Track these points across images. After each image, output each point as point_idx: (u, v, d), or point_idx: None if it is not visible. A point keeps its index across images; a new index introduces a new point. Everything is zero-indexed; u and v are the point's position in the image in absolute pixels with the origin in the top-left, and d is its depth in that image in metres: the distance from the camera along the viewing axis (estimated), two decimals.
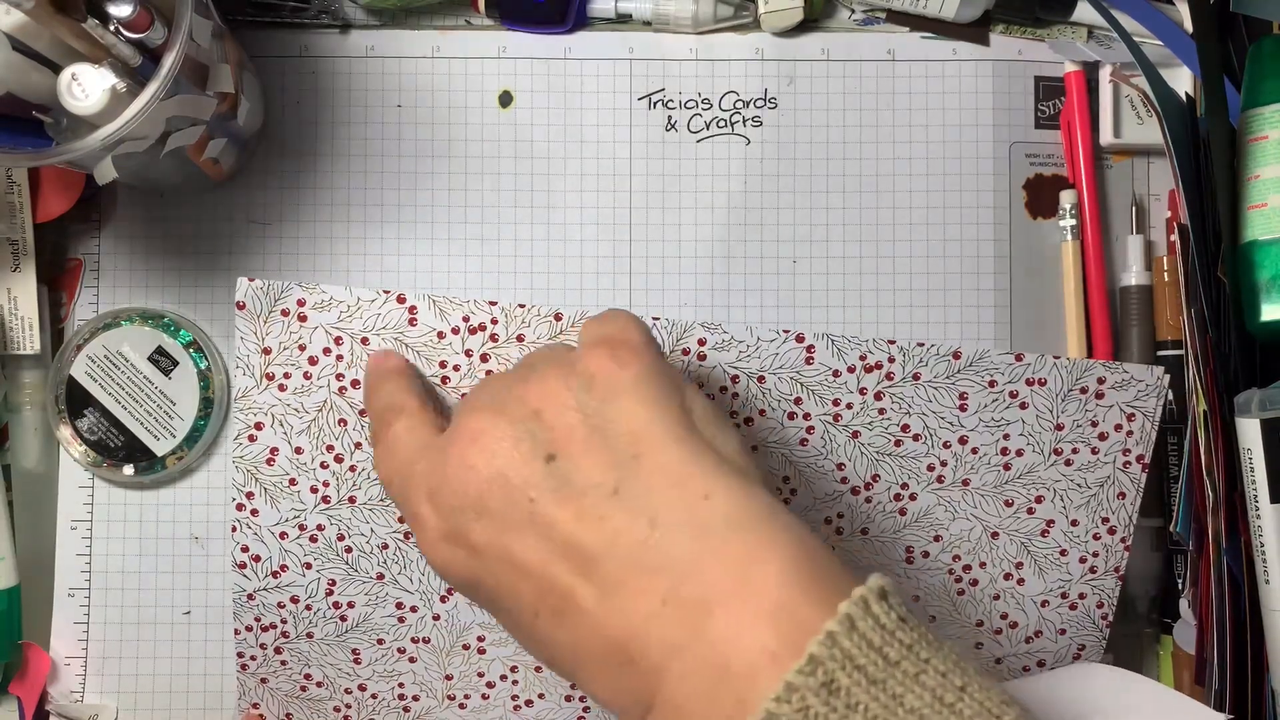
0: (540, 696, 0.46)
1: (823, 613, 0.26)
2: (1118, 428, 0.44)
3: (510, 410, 0.32)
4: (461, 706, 0.46)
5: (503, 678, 0.46)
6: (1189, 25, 0.46)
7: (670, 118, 0.47)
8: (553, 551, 0.30)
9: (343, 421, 0.44)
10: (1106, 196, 0.48)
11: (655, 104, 0.47)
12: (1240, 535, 0.42)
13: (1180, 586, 0.46)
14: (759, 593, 0.27)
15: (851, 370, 0.44)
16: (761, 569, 0.27)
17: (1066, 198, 0.47)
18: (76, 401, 0.46)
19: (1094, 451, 0.44)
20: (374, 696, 0.46)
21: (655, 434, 0.30)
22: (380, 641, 0.45)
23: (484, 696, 0.46)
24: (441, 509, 0.32)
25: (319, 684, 0.46)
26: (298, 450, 0.44)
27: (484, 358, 0.43)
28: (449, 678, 0.46)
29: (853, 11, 0.48)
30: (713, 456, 0.30)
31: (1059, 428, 0.44)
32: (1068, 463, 0.44)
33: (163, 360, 0.46)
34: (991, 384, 0.44)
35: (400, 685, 0.46)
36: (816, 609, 0.27)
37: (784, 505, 0.30)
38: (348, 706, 0.46)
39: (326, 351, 0.43)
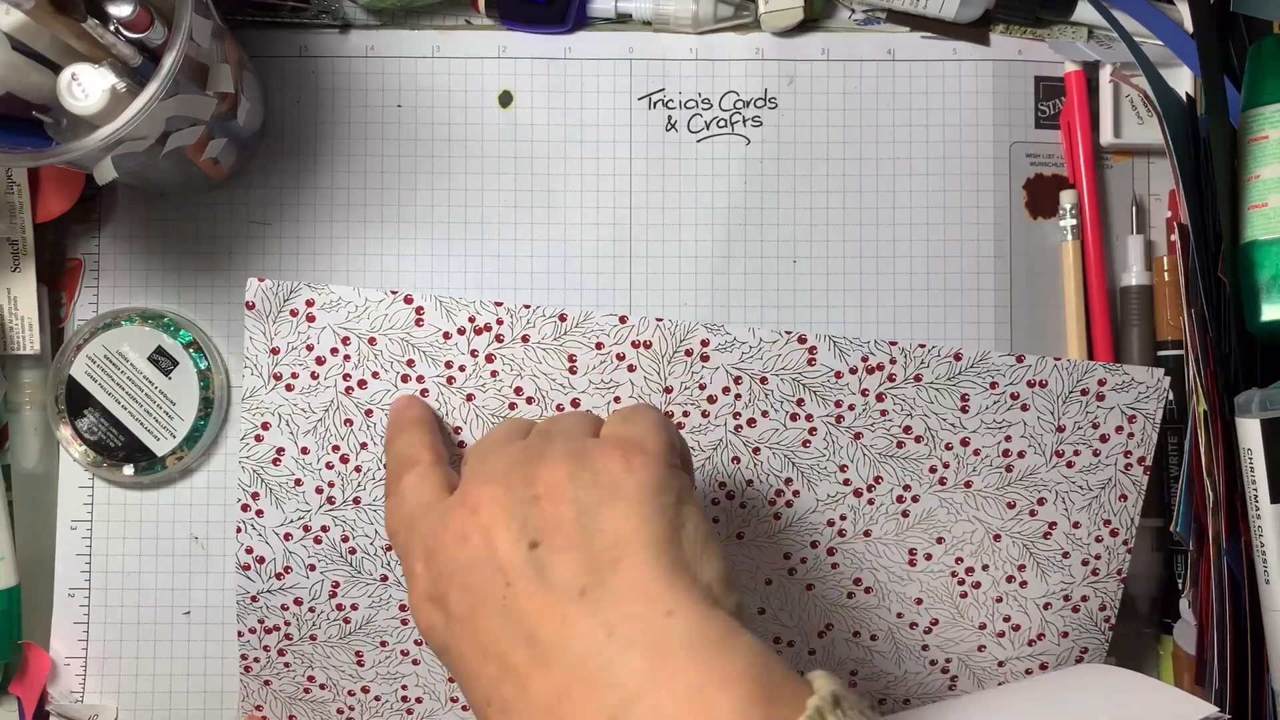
0: None
1: None
2: (1119, 429, 0.44)
3: (514, 488, 0.32)
4: (464, 709, 0.46)
5: None
6: (1189, 25, 0.46)
7: (670, 118, 0.47)
8: (515, 640, 0.29)
9: (349, 421, 0.44)
10: (1106, 196, 0.48)
11: (655, 104, 0.47)
12: (1240, 535, 0.42)
13: (1180, 586, 0.46)
14: (715, 718, 0.26)
15: (854, 372, 0.44)
16: (717, 694, 0.26)
17: (1066, 198, 0.47)
18: (76, 401, 0.46)
19: (1095, 454, 0.44)
20: (377, 699, 0.46)
21: (637, 544, 0.30)
22: (383, 644, 0.45)
23: None
24: (432, 570, 0.32)
25: (322, 686, 0.46)
26: (304, 450, 0.44)
27: (489, 358, 0.44)
28: (451, 680, 0.46)
29: (853, 11, 0.48)
30: (686, 577, 0.30)
31: (1060, 429, 0.44)
32: (1069, 465, 0.44)
33: (163, 360, 0.46)
34: (993, 385, 0.44)
35: (403, 688, 0.46)
36: None
37: (742, 627, 0.29)
38: (351, 709, 0.46)
39: (334, 352, 0.43)
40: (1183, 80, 0.46)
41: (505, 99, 0.48)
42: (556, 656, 0.28)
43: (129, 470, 0.46)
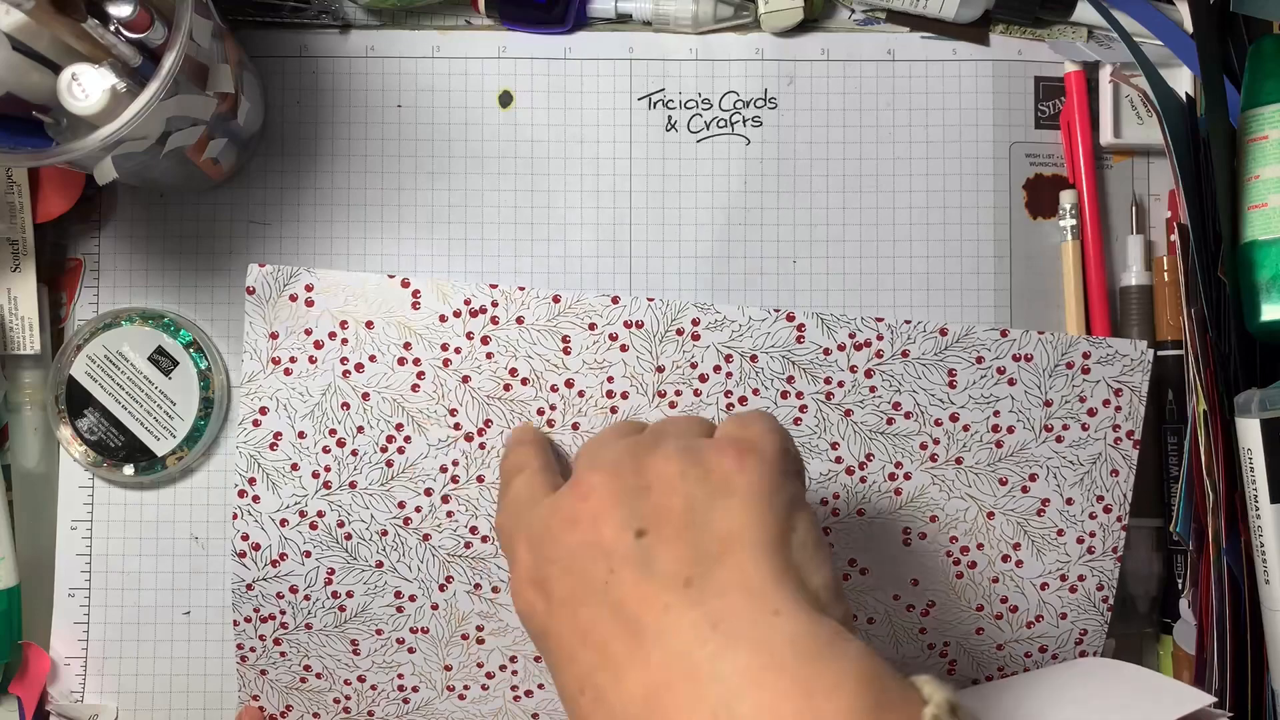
0: (540, 687, 0.46)
1: None
2: (1106, 403, 0.44)
3: (625, 477, 0.32)
4: (461, 697, 0.46)
5: (502, 668, 0.46)
6: (1189, 25, 0.46)
7: (670, 118, 0.47)
8: (614, 626, 0.29)
9: (346, 405, 0.44)
10: (1106, 196, 0.48)
11: (655, 104, 0.47)
12: (1240, 535, 0.42)
13: (1180, 586, 0.46)
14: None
15: (841, 348, 0.44)
16: (829, 698, 0.26)
17: (1066, 198, 0.47)
18: (76, 401, 0.46)
19: (1084, 428, 0.45)
20: (373, 687, 0.46)
21: (746, 541, 0.29)
22: (379, 632, 0.46)
23: (483, 687, 0.46)
24: (537, 555, 0.32)
25: (318, 675, 0.46)
26: (300, 435, 0.44)
27: (485, 340, 0.44)
28: (448, 668, 0.46)
29: (853, 11, 0.48)
30: (794, 579, 0.29)
31: (1048, 404, 0.44)
32: (1059, 439, 0.45)
33: (163, 360, 0.46)
34: (979, 360, 0.44)
35: (400, 676, 0.46)
36: None
37: (851, 634, 0.28)
38: (347, 698, 0.46)
39: (332, 335, 0.44)
40: (1183, 80, 0.46)
41: (505, 99, 0.48)
42: (657, 646, 0.28)
43: (129, 470, 0.46)
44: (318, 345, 0.44)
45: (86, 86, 0.35)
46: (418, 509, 0.45)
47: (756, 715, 0.26)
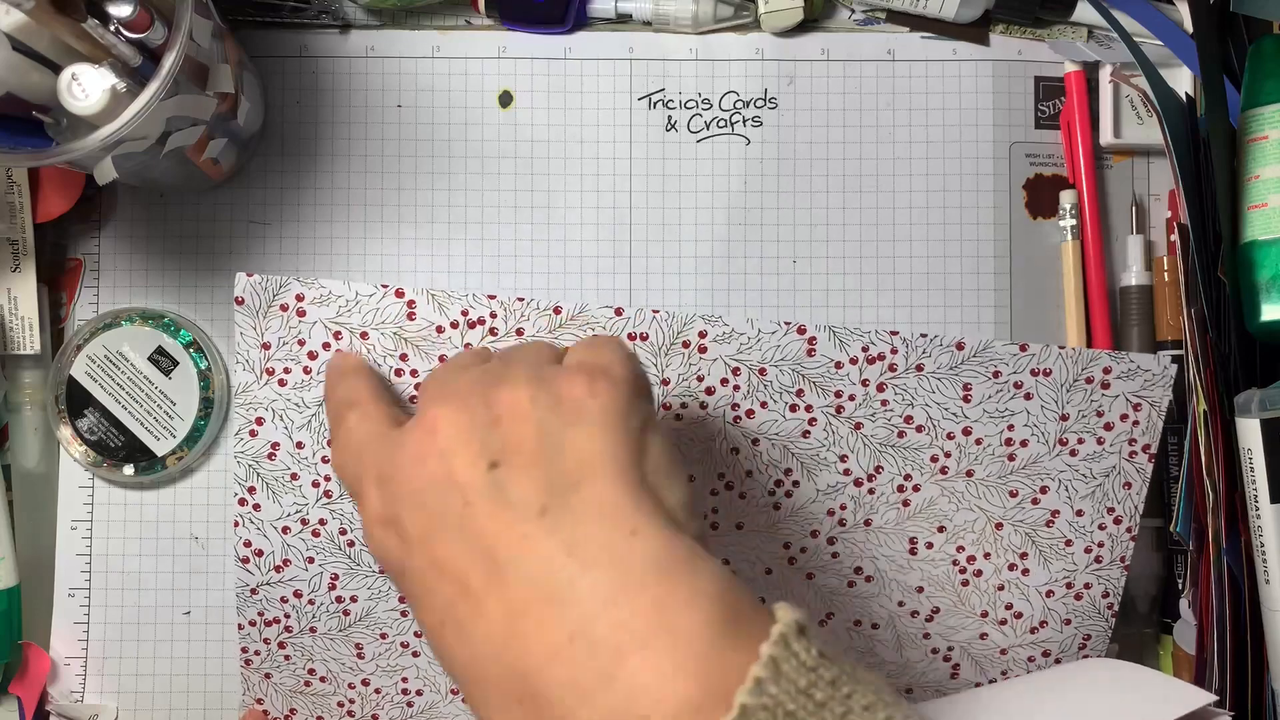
0: None
1: (745, 657, 0.26)
2: (1124, 418, 0.44)
3: (474, 409, 0.31)
4: (465, 700, 0.46)
5: None
6: (1189, 25, 0.46)
7: (670, 118, 0.47)
8: (472, 558, 0.29)
9: None
10: (1106, 196, 0.48)
11: (655, 104, 0.47)
12: (1240, 535, 0.42)
13: (1180, 586, 0.46)
14: (679, 639, 0.26)
15: (854, 362, 0.44)
16: (683, 613, 0.26)
17: (1066, 198, 0.47)
18: (76, 401, 0.46)
19: (1099, 442, 0.44)
20: (377, 691, 0.46)
21: (599, 466, 0.30)
22: (383, 636, 0.45)
23: None
24: (386, 494, 0.32)
25: (322, 679, 0.46)
26: (299, 445, 0.44)
27: None
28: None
29: (853, 11, 0.48)
30: (650, 500, 0.30)
31: (1064, 418, 0.44)
32: (1073, 453, 0.44)
33: (163, 360, 0.46)
34: (996, 375, 0.44)
35: (404, 680, 0.46)
36: (738, 654, 0.26)
37: (707, 553, 0.29)
38: (351, 701, 0.46)
39: (326, 346, 0.43)
40: (1183, 80, 0.46)
41: (505, 99, 0.48)
42: (515, 575, 0.28)
43: (129, 470, 0.46)
44: (312, 356, 0.43)
45: (86, 86, 0.35)
46: None
47: (613, 633, 0.26)
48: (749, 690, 0.25)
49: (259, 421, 0.44)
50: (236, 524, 0.44)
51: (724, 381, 0.44)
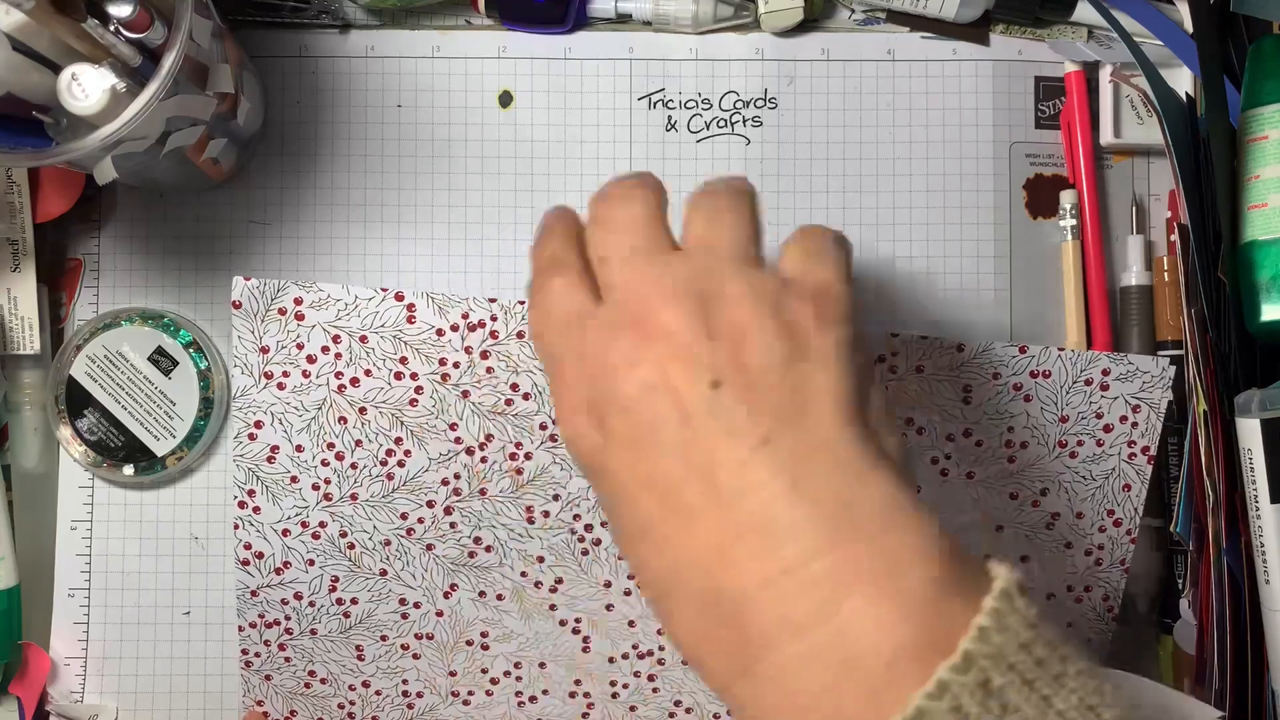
0: (544, 693, 0.46)
1: (966, 608, 0.26)
2: (1123, 419, 0.44)
3: (693, 318, 0.30)
4: (465, 703, 0.46)
5: (506, 674, 0.46)
6: (1189, 25, 0.46)
7: (670, 118, 0.47)
8: (688, 478, 0.28)
9: (343, 419, 0.44)
10: (1106, 196, 0.48)
11: (655, 104, 0.47)
12: (1240, 535, 0.42)
13: (1180, 586, 0.46)
14: (903, 586, 0.26)
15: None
16: (907, 562, 0.26)
17: (1066, 198, 0.47)
18: (76, 401, 0.46)
19: (1099, 444, 0.44)
20: (378, 693, 0.46)
21: (828, 407, 0.29)
22: (383, 638, 0.45)
23: (488, 693, 0.46)
24: (591, 386, 0.30)
25: (323, 680, 0.46)
26: (298, 448, 0.44)
27: (484, 354, 0.44)
28: (453, 674, 0.46)
29: (853, 11, 0.48)
30: (875, 445, 0.29)
31: (1063, 420, 0.44)
32: (1072, 455, 0.44)
33: (163, 360, 0.46)
34: (995, 376, 0.44)
35: (404, 682, 0.46)
36: (960, 605, 0.26)
37: (926, 504, 0.29)
38: (351, 703, 0.46)
39: (325, 350, 0.43)
40: (1183, 80, 0.46)
41: (505, 99, 0.48)
42: (733, 501, 0.28)
43: (129, 470, 0.46)
44: (311, 360, 0.43)
45: (86, 86, 0.35)
46: (420, 520, 0.45)
47: (831, 574, 0.26)
48: (973, 638, 0.25)
49: (258, 425, 0.44)
50: (236, 526, 0.44)
51: None
